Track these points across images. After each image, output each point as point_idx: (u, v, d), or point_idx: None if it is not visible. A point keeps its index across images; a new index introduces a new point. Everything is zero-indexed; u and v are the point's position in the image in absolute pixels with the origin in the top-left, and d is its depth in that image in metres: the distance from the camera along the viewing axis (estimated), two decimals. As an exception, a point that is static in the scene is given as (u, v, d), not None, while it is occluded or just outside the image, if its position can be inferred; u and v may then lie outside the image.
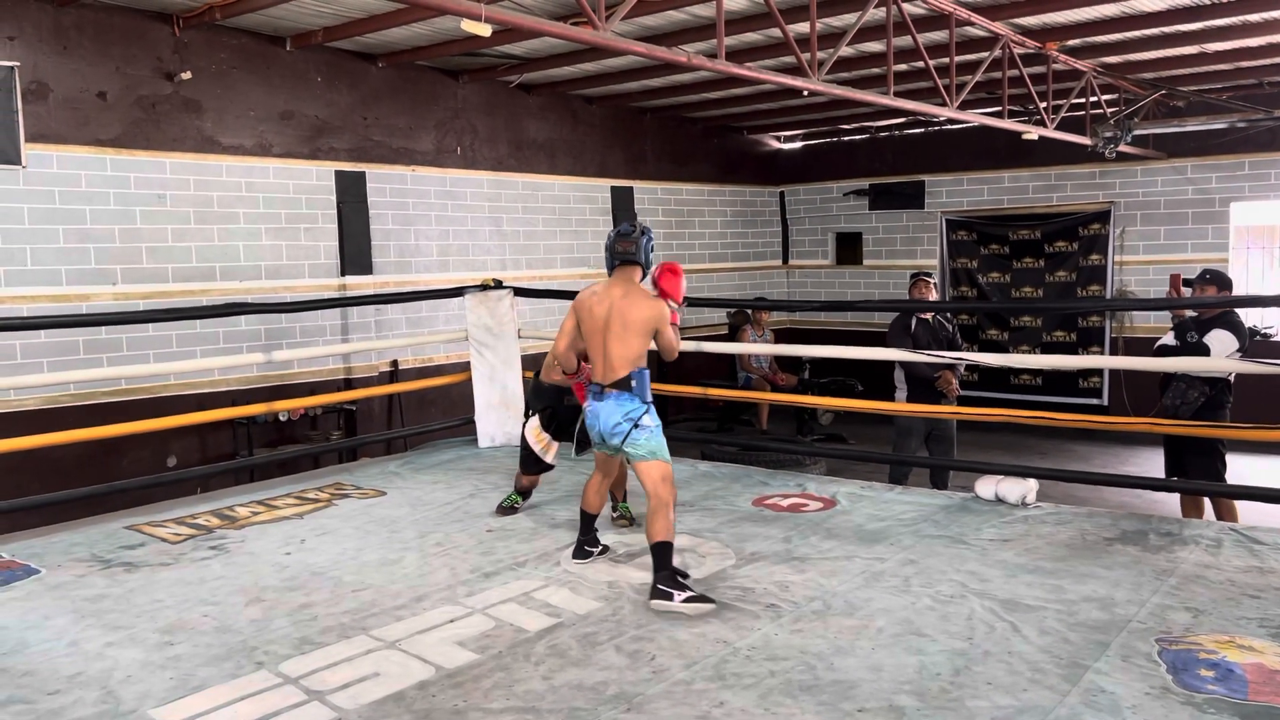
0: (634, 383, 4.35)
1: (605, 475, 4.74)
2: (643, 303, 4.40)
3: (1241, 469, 7.80)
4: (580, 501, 4.79)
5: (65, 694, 3.41)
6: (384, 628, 3.93)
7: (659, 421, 4.41)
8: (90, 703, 3.34)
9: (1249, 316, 9.56)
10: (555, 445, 5.48)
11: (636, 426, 4.31)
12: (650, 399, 4.41)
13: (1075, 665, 3.44)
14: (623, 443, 4.34)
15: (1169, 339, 6.06)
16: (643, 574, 4.51)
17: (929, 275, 7.33)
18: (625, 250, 4.52)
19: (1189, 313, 5.96)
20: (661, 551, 4.16)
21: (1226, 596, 4.08)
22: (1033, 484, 5.60)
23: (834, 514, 5.50)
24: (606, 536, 4.95)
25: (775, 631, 3.82)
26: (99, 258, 6.81)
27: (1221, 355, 5.70)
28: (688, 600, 4.00)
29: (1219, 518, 5.82)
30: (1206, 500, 6.07)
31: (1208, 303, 5.96)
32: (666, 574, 4.12)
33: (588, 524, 4.74)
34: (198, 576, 4.62)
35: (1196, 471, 5.89)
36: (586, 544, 4.71)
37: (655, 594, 4.07)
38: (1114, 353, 10.65)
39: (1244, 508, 5.96)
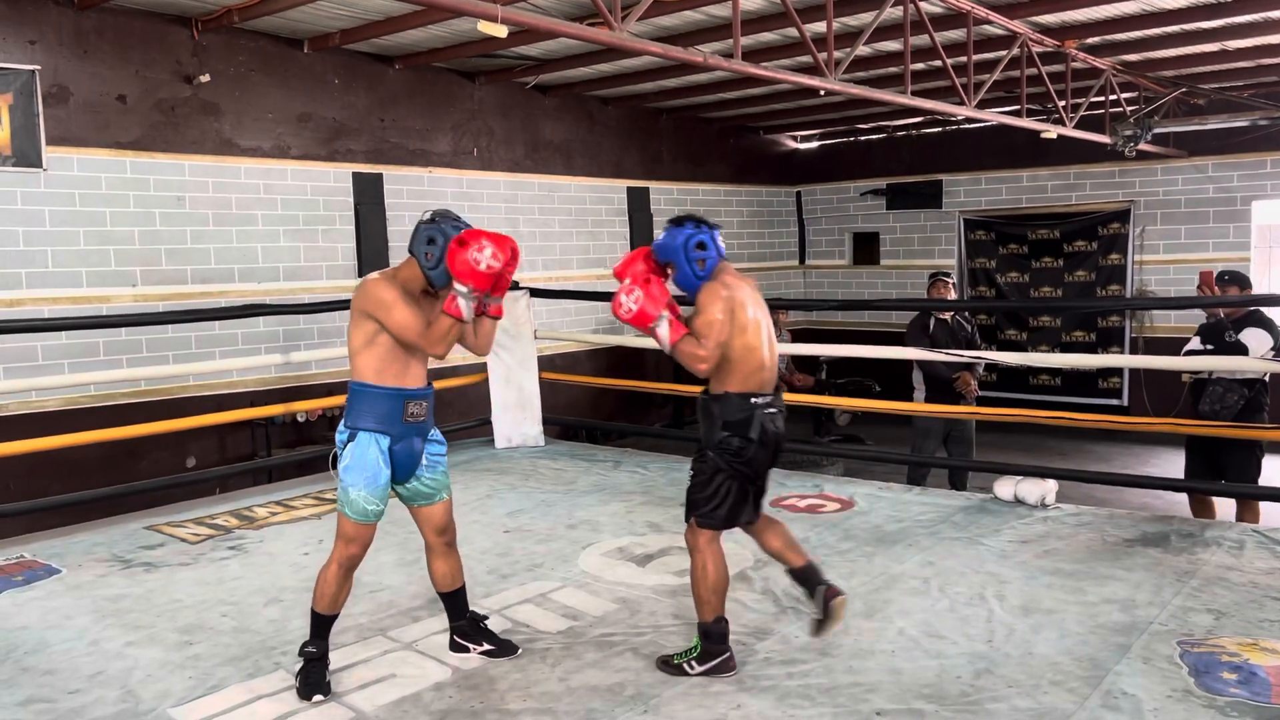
0: (348, 397, 3.43)
1: (423, 537, 3.71)
2: (367, 282, 3.38)
3: (1268, 470, 7.71)
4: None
5: (86, 693, 3.44)
6: (401, 629, 3.94)
7: (363, 458, 3.35)
8: (110, 701, 3.36)
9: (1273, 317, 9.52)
10: None
11: (337, 458, 3.40)
12: (367, 424, 3.36)
13: (1096, 668, 3.41)
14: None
15: (1196, 344, 5.94)
16: (659, 576, 4.51)
17: (947, 275, 7.29)
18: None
19: (1221, 314, 5.85)
20: (313, 622, 3.44)
21: (1249, 599, 4.04)
22: (1052, 485, 5.56)
23: (852, 515, 5.48)
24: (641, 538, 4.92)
25: (793, 633, 3.81)
26: (119, 260, 6.86)
27: (1259, 353, 5.60)
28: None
29: (1239, 518, 5.75)
30: (1214, 500, 6.01)
31: (1231, 302, 5.87)
32: (301, 650, 3.40)
33: (446, 605, 3.74)
34: (216, 577, 4.65)
35: (1234, 473, 5.78)
36: (456, 633, 3.73)
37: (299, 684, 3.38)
38: (1134, 353, 10.56)
39: (1266, 509, 5.89)
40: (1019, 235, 11.39)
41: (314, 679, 3.37)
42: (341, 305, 7.44)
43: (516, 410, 7.41)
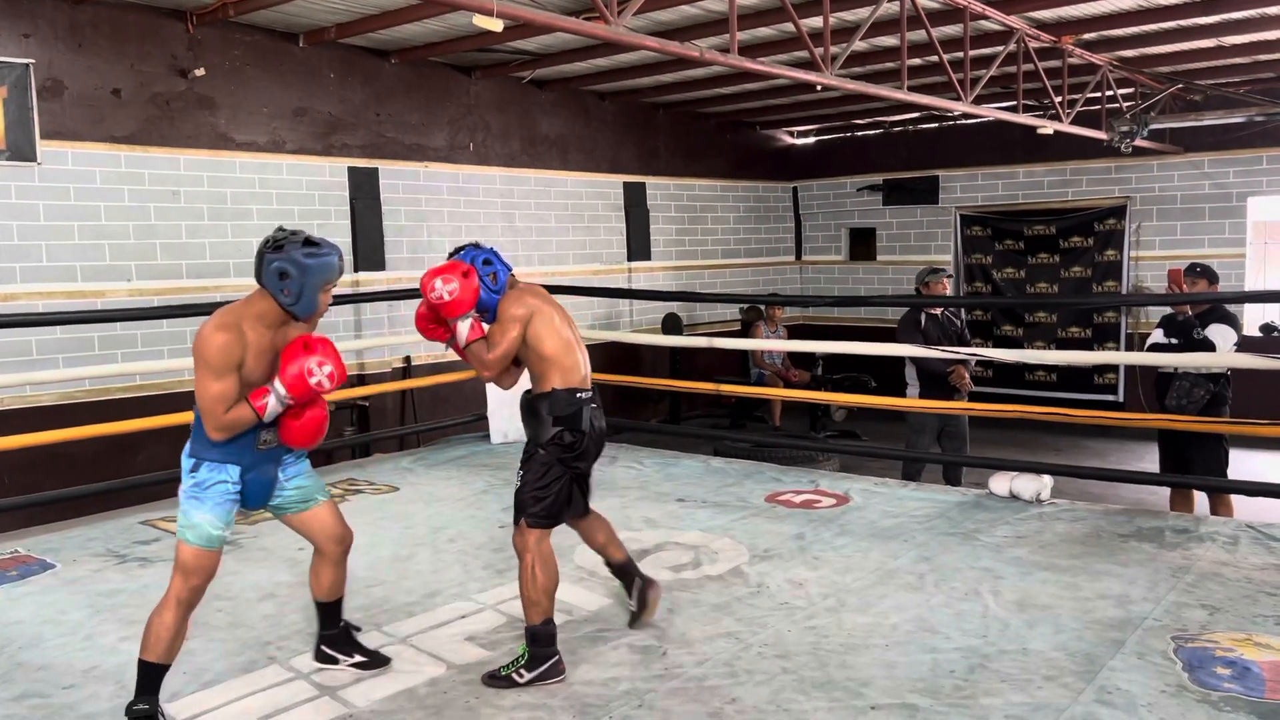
0: (194, 422, 3.14)
1: (313, 545, 3.47)
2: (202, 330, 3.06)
3: (1255, 465, 7.74)
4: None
5: (80, 688, 3.43)
6: (396, 624, 3.94)
7: (209, 484, 3.14)
8: (105, 697, 3.36)
9: (1266, 313, 9.54)
10: None
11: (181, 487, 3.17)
12: (212, 455, 3.12)
13: (1090, 663, 3.42)
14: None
15: (1159, 336, 6.00)
16: (654, 571, 4.50)
17: (945, 270, 7.30)
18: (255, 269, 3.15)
19: (1188, 309, 5.87)
20: (142, 674, 3.06)
21: (1243, 594, 4.04)
22: (1048, 480, 5.57)
23: (847, 510, 5.48)
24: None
25: (788, 628, 3.81)
26: (113, 254, 6.84)
27: (1225, 349, 5.66)
28: None
29: (1214, 512, 5.79)
30: (1197, 494, 6.04)
31: (1223, 298, 5.90)
32: (129, 711, 3.03)
33: (322, 614, 3.55)
34: (212, 572, 4.63)
35: (1199, 466, 5.85)
36: (325, 643, 3.56)
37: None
38: (1130, 349, 10.57)
39: (1243, 503, 5.91)
40: (1015, 231, 11.40)
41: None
42: (337, 301, 7.43)
43: (513, 405, 7.39)
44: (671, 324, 10.86)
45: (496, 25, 4.76)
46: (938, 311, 7.00)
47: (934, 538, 4.92)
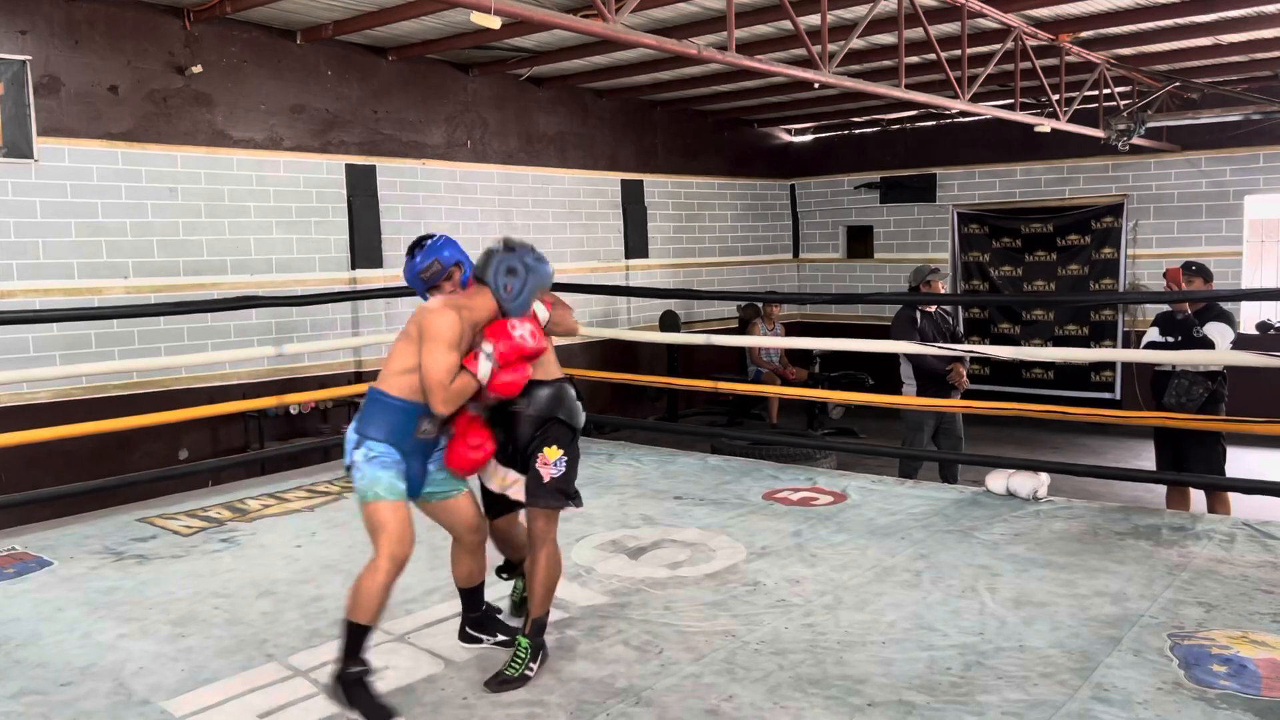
0: (363, 400, 3.34)
1: (452, 534, 3.61)
2: (427, 307, 3.30)
3: (1252, 463, 7.76)
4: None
5: (78, 685, 3.43)
6: (393, 621, 3.93)
7: (375, 453, 3.20)
8: (102, 694, 3.36)
9: (1263, 310, 9.56)
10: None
11: (352, 464, 3.25)
12: (373, 435, 3.22)
13: (1087, 660, 3.43)
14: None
15: (1155, 334, 6.00)
16: (650, 568, 4.52)
17: (941, 270, 7.31)
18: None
19: (1187, 307, 5.88)
20: (350, 635, 3.12)
21: (1239, 591, 4.06)
22: (1044, 478, 5.58)
23: (844, 508, 5.49)
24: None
25: (785, 625, 3.81)
26: (110, 251, 6.83)
27: (1223, 347, 5.67)
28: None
29: (1211, 510, 5.80)
30: (1194, 492, 6.05)
31: (1222, 295, 5.92)
32: (342, 675, 3.11)
33: (464, 599, 3.72)
34: (209, 569, 4.64)
35: (1197, 463, 5.86)
36: (470, 625, 3.73)
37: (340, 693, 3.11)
38: (1127, 346, 10.57)
39: (1239, 501, 5.92)
40: (1012, 229, 11.40)
41: (377, 702, 3.10)
42: (334, 298, 7.45)
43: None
44: (669, 321, 10.86)
45: (494, 22, 4.76)
46: (931, 309, 7.01)
47: (931, 535, 4.93)
